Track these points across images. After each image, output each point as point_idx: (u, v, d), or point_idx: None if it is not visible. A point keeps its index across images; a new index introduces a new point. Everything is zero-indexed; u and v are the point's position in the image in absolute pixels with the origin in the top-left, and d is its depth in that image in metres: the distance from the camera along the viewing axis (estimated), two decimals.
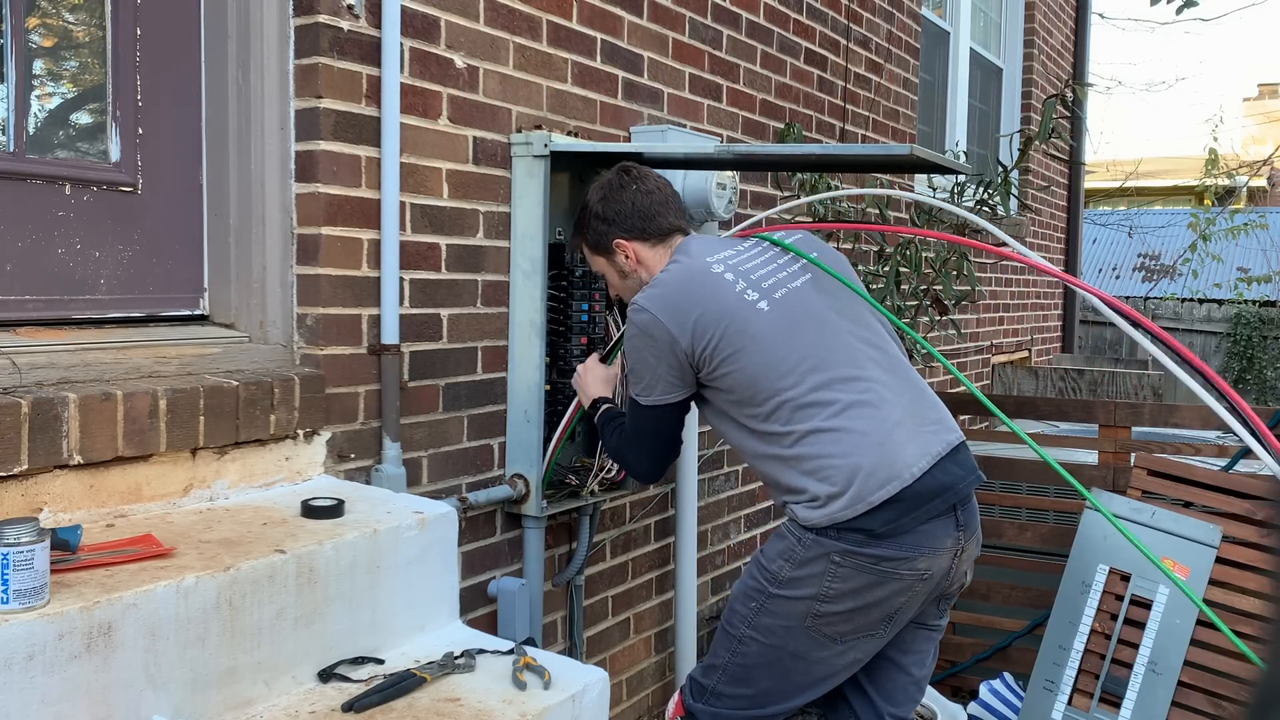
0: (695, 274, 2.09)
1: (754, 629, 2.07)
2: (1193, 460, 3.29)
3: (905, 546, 1.95)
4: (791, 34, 3.72)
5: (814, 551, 1.98)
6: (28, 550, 1.39)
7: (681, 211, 2.29)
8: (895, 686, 2.18)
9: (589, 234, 2.29)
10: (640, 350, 2.10)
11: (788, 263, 2.18)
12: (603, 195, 2.26)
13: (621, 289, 2.33)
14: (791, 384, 2.00)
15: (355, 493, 2.06)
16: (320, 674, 1.76)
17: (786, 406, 2.00)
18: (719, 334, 2.03)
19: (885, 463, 1.94)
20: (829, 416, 1.98)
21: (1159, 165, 17.91)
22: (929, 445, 2.00)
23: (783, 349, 2.02)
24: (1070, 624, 3.04)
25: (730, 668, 2.11)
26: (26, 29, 1.92)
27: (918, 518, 1.95)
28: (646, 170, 2.29)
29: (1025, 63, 6.64)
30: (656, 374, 2.10)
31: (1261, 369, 12.54)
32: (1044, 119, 3.68)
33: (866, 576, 1.96)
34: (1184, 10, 5.44)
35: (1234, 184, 13.39)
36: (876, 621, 2.02)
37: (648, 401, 2.14)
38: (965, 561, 2.08)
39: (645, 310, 2.07)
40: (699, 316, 2.04)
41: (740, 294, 2.06)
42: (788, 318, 2.05)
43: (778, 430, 2.02)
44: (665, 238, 2.25)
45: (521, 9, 2.53)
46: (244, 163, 2.13)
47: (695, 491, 3.11)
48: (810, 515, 1.98)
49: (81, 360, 1.85)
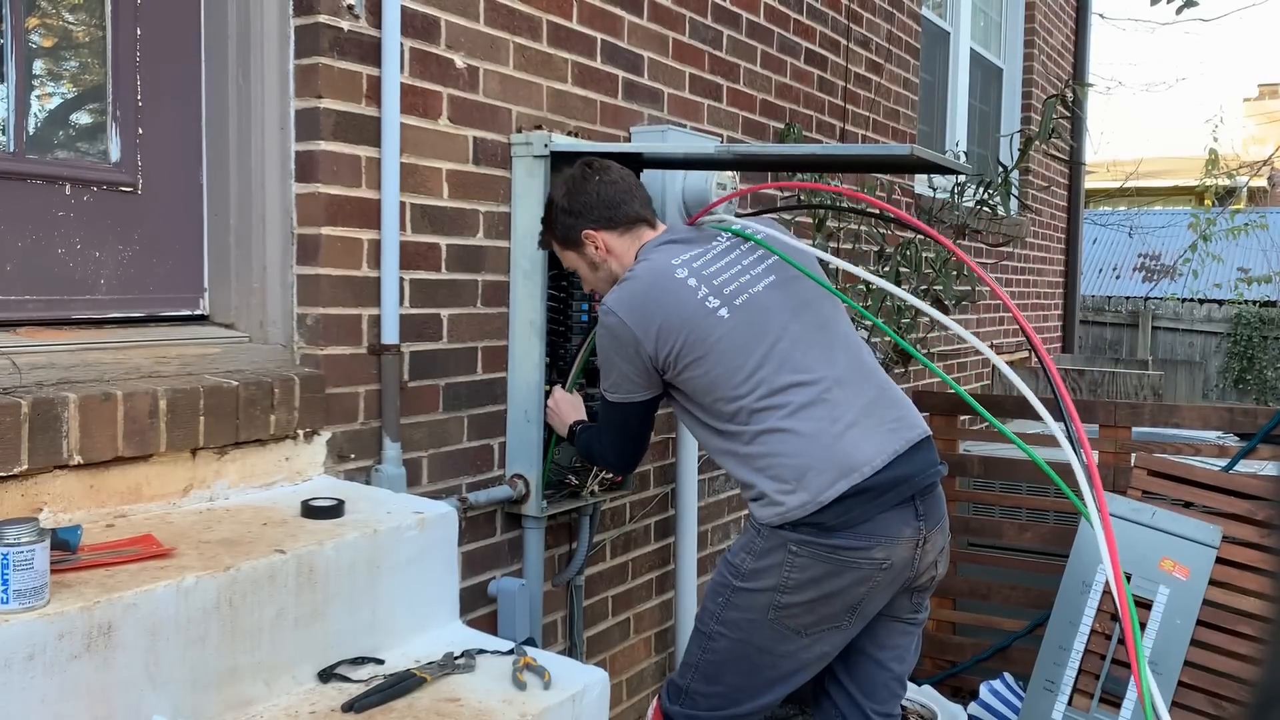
0: (660, 278, 2.12)
1: (721, 624, 2.10)
2: (1193, 460, 3.29)
3: (860, 536, 1.99)
4: (792, 34, 3.72)
5: (772, 542, 2.03)
6: (28, 550, 1.39)
7: (646, 201, 2.30)
8: (876, 683, 2.20)
9: (557, 229, 2.30)
10: (608, 350, 2.16)
11: (752, 264, 2.18)
12: (567, 190, 2.27)
13: (594, 282, 2.34)
14: (749, 390, 2.05)
15: (355, 493, 2.06)
16: (320, 674, 1.75)
17: (743, 410, 2.06)
18: (681, 341, 2.07)
19: (835, 462, 1.99)
20: (782, 418, 2.03)
21: (1159, 165, 17.91)
22: (886, 443, 2.04)
23: (741, 356, 2.06)
24: (1070, 624, 3.04)
25: (702, 665, 2.14)
26: (26, 29, 1.92)
27: (870, 510, 1.99)
28: (608, 162, 2.31)
29: (1025, 63, 6.64)
30: (623, 374, 2.15)
31: (1261, 369, 12.54)
32: (1044, 119, 3.68)
33: (824, 565, 1.99)
34: (1184, 10, 5.43)
35: (1234, 184, 13.39)
36: (840, 613, 2.04)
37: (614, 398, 2.21)
38: (930, 552, 2.09)
39: (613, 313, 2.12)
40: (662, 323, 2.08)
41: (701, 301, 2.09)
42: (746, 324, 2.08)
43: (734, 429, 2.08)
44: (631, 226, 2.26)
45: (521, 9, 2.53)
46: (244, 163, 2.13)
47: (695, 491, 3.11)
48: (764, 512, 2.04)
49: (81, 360, 1.85)
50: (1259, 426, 3.32)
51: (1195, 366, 10.64)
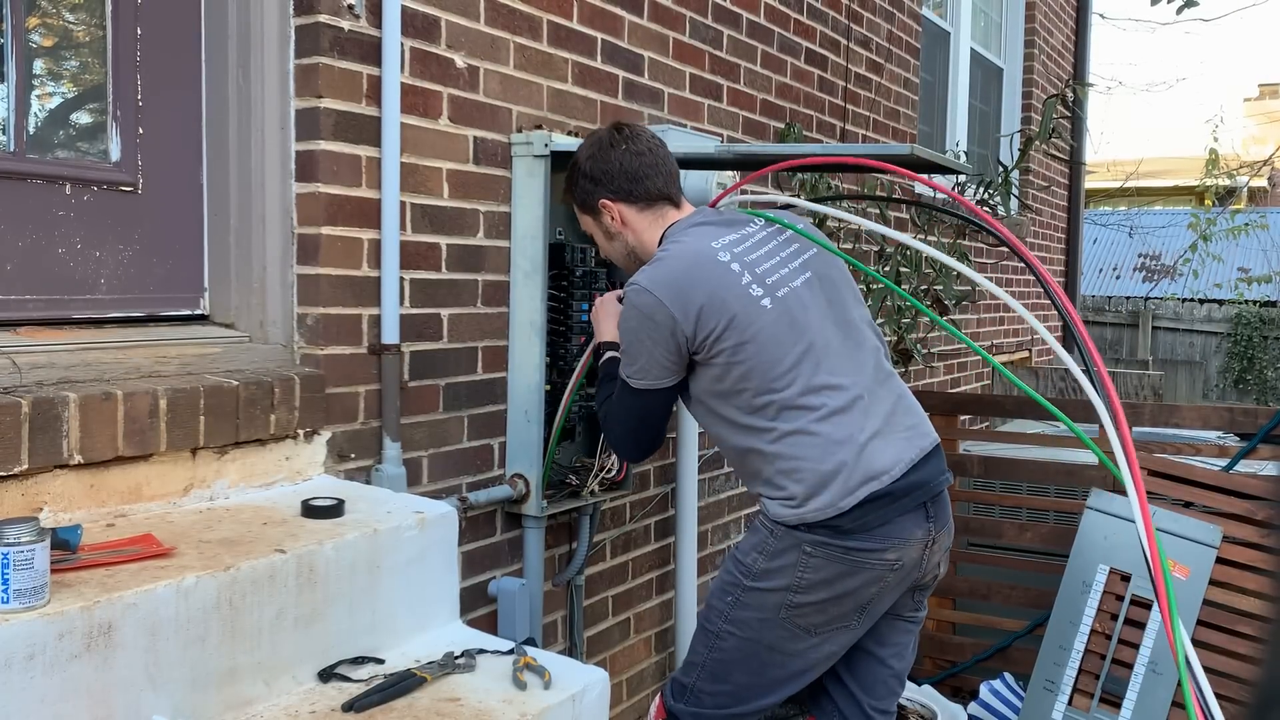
0: (701, 259, 2.06)
1: (730, 623, 2.09)
2: (1193, 460, 3.29)
3: (875, 539, 1.99)
4: (792, 34, 3.72)
5: (786, 543, 2.01)
6: (28, 550, 1.39)
7: (672, 176, 2.23)
8: (875, 679, 2.20)
9: (576, 191, 2.25)
10: (637, 332, 2.06)
11: (790, 256, 2.15)
12: (591, 153, 2.21)
13: (609, 250, 2.30)
14: (785, 385, 2.02)
15: (355, 493, 2.06)
16: (320, 674, 1.75)
17: (774, 405, 2.02)
18: (723, 325, 2.01)
19: (859, 470, 1.99)
20: (813, 420, 2.01)
21: (1159, 165, 17.90)
22: (903, 452, 2.04)
23: (781, 349, 2.03)
24: (1071, 624, 3.04)
25: (709, 664, 2.13)
26: (26, 29, 1.92)
27: (887, 514, 2.00)
28: (640, 129, 2.24)
29: (1026, 63, 6.63)
30: (652, 358, 2.07)
31: (1262, 369, 12.55)
32: (1044, 119, 3.68)
33: (838, 566, 1.99)
34: (1184, 10, 5.44)
35: (1234, 184, 13.39)
36: (850, 612, 2.04)
37: (639, 385, 2.11)
38: (937, 553, 2.11)
39: (648, 292, 2.03)
40: (704, 303, 2.02)
41: (746, 287, 2.05)
42: (788, 317, 2.05)
43: (761, 425, 2.03)
44: (654, 203, 2.20)
45: (522, 9, 2.52)
46: (244, 162, 2.13)
47: (695, 491, 3.11)
48: (782, 512, 2.02)
49: (81, 360, 1.85)
50: (1259, 426, 3.32)
51: (1195, 366, 10.65)
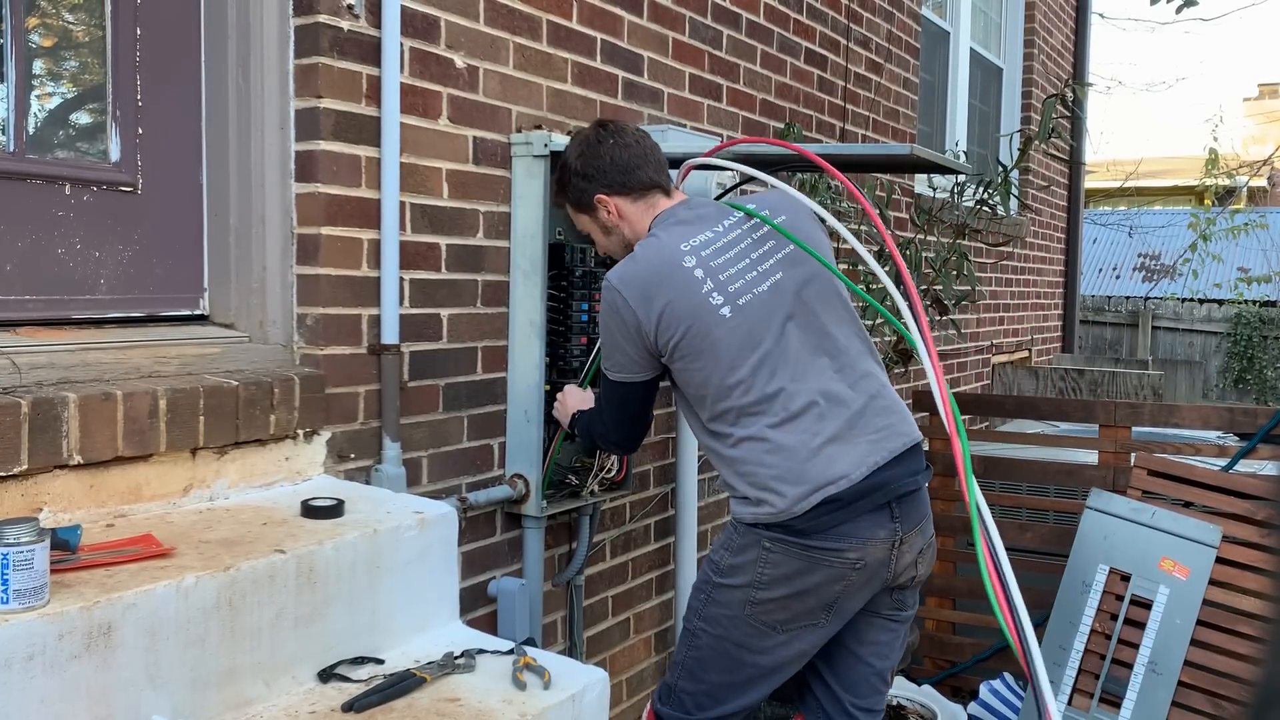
0: (666, 264, 2.09)
1: (704, 620, 2.13)
2: (1193, 460, 3.29)
3: (832, 538, 2.01)
4: (792, 34, 3.72)
5: (748, 539, 2.05)
6: (28, 550, 1.39)
7: (661, 165, 2.26)
8: (857, 677, 2.20)
9: (570, 192, 2.27)
10: (610, 326, 2.15)
11: (761, 257, 2.14)
12: (580, 152, 2.23)
13: (607, 245, 2.32)
14: (741, 393, 2.05)
15: (355, 493, 2.06)
16: (320, 674, 1.75)
17: (732, 411, 2.07)
18: (681, 332, 2.06)
19: (809, 477, 2.00)
20: (765, 426, 2.04)
21: (1159, 165, 17.91)
22: (868, 455, 2.03)
23: (736, 358, 2.05)
24: (1070, 624, 3.04)
25: (687, 663, 2.16)
26: (26, 29, 1.92)
27: (840, 516, 2.00)
28: (623, 123, 2.28)
29: (1025, 63, 6.64)
30: (625, 353, 2.15)
31: (1261, 369, 12.54)
32: (1044, 119, 3.68)
33: (796, 562, 2.01)
34: (1184, 10, 5.44)
35: (1234, 184, 13.39)
36: (815, 610, 2.05)
37: (616, 377, 2.20)
38: (908, 553, 2.09)
39: (616, 291, 2.10)
40: (665, 308, 2.07)
41: (706, 296, 2.07)
42: (745, 327, 2.06)
43: (721, 430, 2.09)
44: (646, 192, 2.23)
45: (521, 9, 2.52)
46: (244, 163, 2.13)
47: (695, 491, 3.11)
48: (742, 511, 2.08)
49: (81, 360, 1.85)
50: (1259, 426, 3.32)
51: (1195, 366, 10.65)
